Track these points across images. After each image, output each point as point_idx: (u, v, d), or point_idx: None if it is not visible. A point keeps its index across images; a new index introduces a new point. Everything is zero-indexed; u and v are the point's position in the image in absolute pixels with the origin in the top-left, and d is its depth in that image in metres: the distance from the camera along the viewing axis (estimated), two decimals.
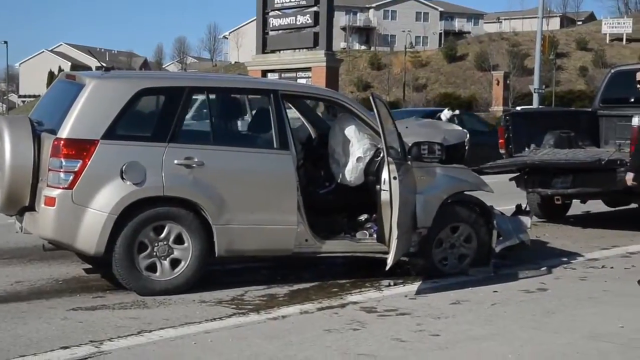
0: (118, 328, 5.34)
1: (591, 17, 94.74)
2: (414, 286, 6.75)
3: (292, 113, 7.66)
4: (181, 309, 5.92)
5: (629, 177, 6.85)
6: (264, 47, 27.33)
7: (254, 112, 8.23)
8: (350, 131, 7.39)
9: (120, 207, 6.16)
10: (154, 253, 6.35)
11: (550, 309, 5.96)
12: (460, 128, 8.88)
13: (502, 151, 10.89)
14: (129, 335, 5.17)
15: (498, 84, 52.73)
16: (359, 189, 7.41)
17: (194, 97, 7.12)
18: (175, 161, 6.35)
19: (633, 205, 10.89)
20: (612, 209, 11.57)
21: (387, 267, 6.39)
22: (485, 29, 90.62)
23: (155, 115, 6.75)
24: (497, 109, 48.85)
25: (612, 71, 12.36)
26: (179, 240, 6.40)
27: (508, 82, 54.67)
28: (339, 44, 76.05)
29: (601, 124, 11.56)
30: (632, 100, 11.70)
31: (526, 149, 10.79)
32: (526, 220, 8.01)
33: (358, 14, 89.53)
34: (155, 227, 6.33)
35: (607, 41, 77.79)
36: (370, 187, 7.20)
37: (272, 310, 5.91)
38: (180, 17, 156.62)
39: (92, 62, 73.55)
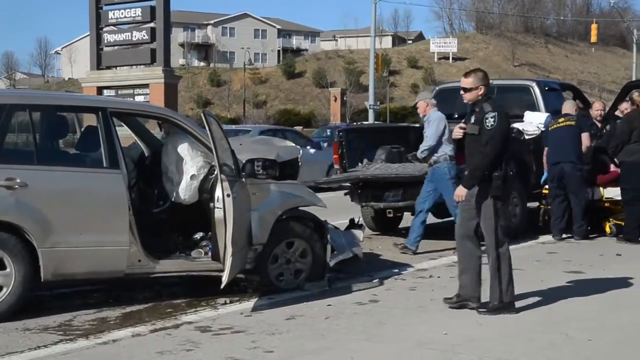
0: None
1: (420, 37, 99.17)
2: (250, 303, 6.75)
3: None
4: (2, 339, 5.60)
5: (461, 192, 6.29)
6: (99, 63, 26.54)
7: (82, 130, 7.97)
8: (184, 149, 7.32)
9: None
10: None
11: (381, 320, 6.14)
12: (293, 144, 8.98)
13: (336, 166, 11.16)
14: None
15: (335, 100, 54.06)
16: (194, 207, 7.35)
17: (15, 115, 6.79)
18: None
19: None
20: (440, 219, 12.10)
21: (223, 285, 6.36)
22: (322, 47, 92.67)
23: None
24: (336, 124, 49.98)
25: (437, 88, 13.01)
26: (0, 265, 6.06)
27: (345, 98, 56.14)
28: (177, 60, 75.26)
29: None
30: (456, 115, 12.35)
31: (359, 164, 11.11)
32: (359, 233, 8.23)
33: (196, 31, 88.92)
34: None
35: (436, 59, 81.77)
36: (204, 205, 7.15)
37: (102, 334, 5.72)
38: (6, 30, 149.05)
39: None
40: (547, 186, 10.55)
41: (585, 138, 10.14)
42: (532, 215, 10.96)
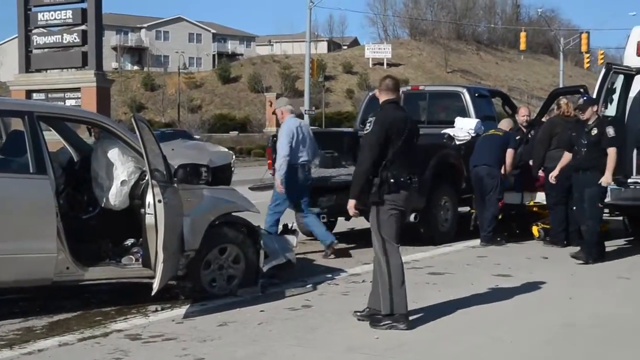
0: None
1: (355, 42, 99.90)
2: (182, 310, 6.69)
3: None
4: None
5: (350, 203, 6.15)
6: (28, 66, 25.98)
7: (6, 135, 7.78)
8: (114, 154, 7.21)
9: None
10: None
11: (314, 325, 6.16)
12: (226, 150, 8.96)
13: (270, 172, 11.14)
14: None
15: (271, 105, 53.78)
16: (124, 213, 7.24)
17: None
18: None
19: None
20: None
21: (154, 292, 6.29)
22: (258, 51, 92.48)
23: None
24: (271, 129, 49.91)
25: (370, 94, 13.14)
26: None
27: None
28: (110, 64, 74.02)
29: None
30: None
31: None
32: (292, 239, 8.26)
33: (129, 34, 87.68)
34: None
35: (370, 65, 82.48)
36: (135, 211, 7.06)
37: (28, 344, 5.58)
38: None
39: None
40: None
41: (509, 154, 10.35)
42: (462, 219, 11.14)
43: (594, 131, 9.01)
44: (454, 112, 11.72)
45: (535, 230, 10.58)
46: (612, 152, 8.91)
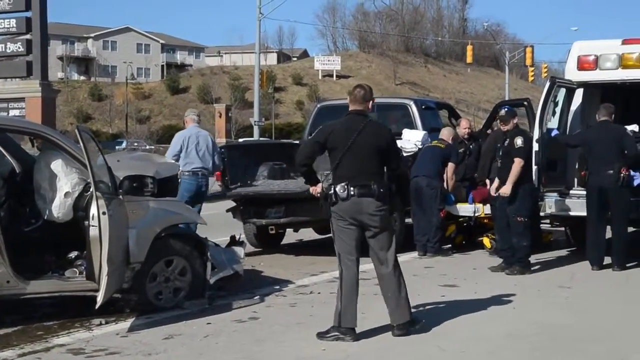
0: None
1: (305, 54, 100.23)
2: (127, 323, 6.60)
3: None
4: None
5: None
6: None
7: None
8: (57, 166, 7.09)
9: None
10: None
11: (261, 337, 6.13)
12: (173, 161, 8.88)
13: (218, 183, 11.09)
14: None
15: (220, 116, 53.72)
16: (68, 225, 7.12)
17: None
18: None
19: None
20: (322, 236, 12.23)
21: (98, 305, 6.20)
22: (207, 62, 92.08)
23: None
24: (220, 140, 49.68)
25: (318, 106, 13.22)
26: None
27: (230, 114, 55.92)
28: (56, 73, 72.95)
29: None
30: None
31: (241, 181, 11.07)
32: (240, 250, 8.21)
33: (76, 44, 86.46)
34: None
35: (320, 77, 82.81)
36: (79, 223, 6.94)
37: None
38: None
39: None
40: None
41: (450, 168, 10.46)
42: (410, 231, 11.20)
43: (507, 142, 9.23)
44: (401, 124, 11.82)
45: (486, 241, 10.66)
46: (517, 162, 9.01)
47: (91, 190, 6.44)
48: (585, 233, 9.52)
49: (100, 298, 6.14)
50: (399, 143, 11.14)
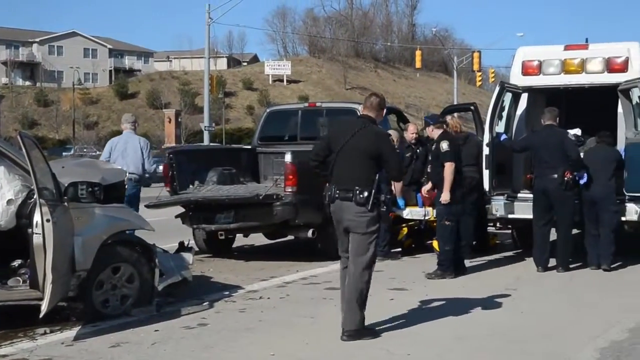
0: None
1: (255, 59, 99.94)
2: (73, 332, 6.49)
3: None
4: None
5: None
6: None
7: None
8: None
9: None
10: None
11: (209, 344, 6.08)
12: (119, 167, 8.76)
13: (167, 189, 10.99)
14: None
15: (170, 121, 53.23)
16: (11, 233, 6.97)
17: None
18: None
19: (290, 237, 11.61)
20: (272, 241, 12.21)
21: (42, 314, 6.07)
22: (156, 67, 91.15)
23: None
24: (170, 146, 49.27)
25: (268, 111, 13.21)
26: None
27: (180, 119, 55.47)
28: (0, 79, 71.47)
29: (260, 160, 12.21)
30: (286, 137, 12.56)
31: (190, 186, 11.00)
32: (188, 256, 8.14)
33: (20, 48, 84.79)
34: None
35: (270, 82, 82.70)
36: (23, 231, 6.80)
37: None
38: None
39: None
40: None
41: None
42: None
43: (434, 146, 9.37)
44: None
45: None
46: (447, 166, 9.08)
47: (35, 197, 6.32)
48: (532, 235, 9.69)
49: (44, 307, 6.02)
50: None
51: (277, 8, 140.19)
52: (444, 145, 9.12)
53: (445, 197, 9.06)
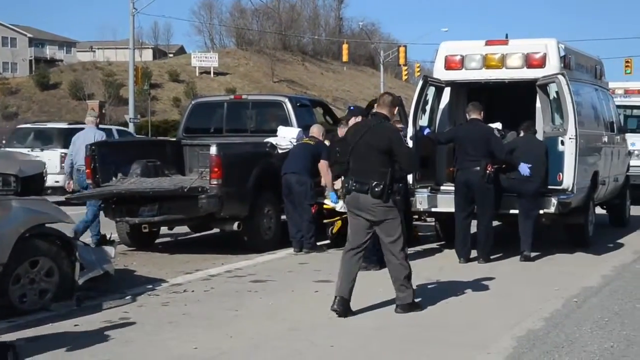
0: None
1: (182, 51, 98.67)
2: None
3: None
4: None
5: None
6: None
7: None
8: None
9: None
10: None
11: (130, 338, 5.99)
12: (38, 158, 8.55)
13: (89, 181, 10.76)
14: None
15: None
16: None
17: None
18: None
19: (215, 230, 11.53)
20: (197, 234, 12.11)
21: None
22: (79, 58, 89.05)
23: None
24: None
25: (193, 102, 13.07)
26: None
27: (104, 111, 54.36)
28: None
29: (185, 152, 12.06)
30: (212, 130, 12.46)
31: (113, 179, 10.78)
32: (110, 250, 8.00)
33: None
34: None
35: (197, 74, 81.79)
36: None
37: None
38: None
39: None
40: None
41: (321, 166, 10.46)
42: (285, 227, 11.26)
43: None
44: (276, 121, 11.84)
45: None
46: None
47: None
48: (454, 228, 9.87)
49: None
50: (274, 140, 11.25)
51: None
52: None
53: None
